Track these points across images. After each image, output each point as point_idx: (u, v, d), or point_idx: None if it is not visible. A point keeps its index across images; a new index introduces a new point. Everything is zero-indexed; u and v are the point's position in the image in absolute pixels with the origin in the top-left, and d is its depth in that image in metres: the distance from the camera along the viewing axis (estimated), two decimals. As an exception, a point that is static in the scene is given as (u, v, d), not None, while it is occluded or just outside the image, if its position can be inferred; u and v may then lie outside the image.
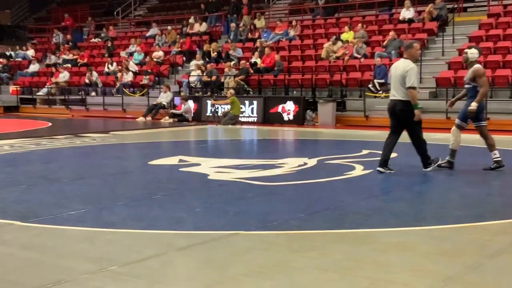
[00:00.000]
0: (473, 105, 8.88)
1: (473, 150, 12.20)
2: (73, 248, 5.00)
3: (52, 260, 4.67)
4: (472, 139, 13.76)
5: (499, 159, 9.04)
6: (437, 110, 17.35)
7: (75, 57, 28.71)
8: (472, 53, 8.99)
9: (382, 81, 18.69)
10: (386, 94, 18.56)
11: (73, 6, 36.04)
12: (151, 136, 16.11)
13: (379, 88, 18.76)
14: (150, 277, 4.24)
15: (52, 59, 29.59)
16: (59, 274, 4.29)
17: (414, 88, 8.57)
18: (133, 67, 25.15)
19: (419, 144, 8.86)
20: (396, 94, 8.72)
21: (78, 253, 4.83)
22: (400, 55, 19.89)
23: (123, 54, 27.15)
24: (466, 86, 9.16)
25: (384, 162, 8.79)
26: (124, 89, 23.94)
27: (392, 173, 8.66)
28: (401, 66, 8.73)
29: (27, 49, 31.92)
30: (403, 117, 8.73)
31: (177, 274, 4.39)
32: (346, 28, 22.05)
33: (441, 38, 20.47)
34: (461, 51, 19.03)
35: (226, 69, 21.96)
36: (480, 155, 11.50)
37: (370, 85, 18.90)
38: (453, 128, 9.35)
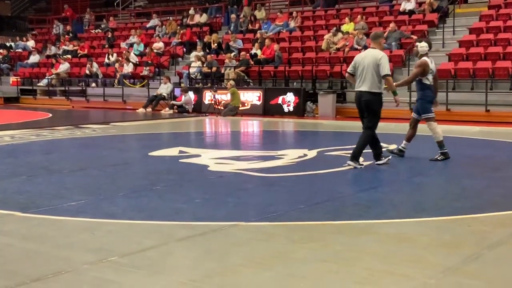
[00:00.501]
0: (395, 97, 8.76)
1: (474, 142, 12.22)
2: (73, 238, 5.01)
3: (52, 250, 4.69)
4: (472, 131, 13.80)
5: (404, 151, 9.44)
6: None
7: (75, 48, 28.68)
8: (422, 46, 9.26)
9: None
10: (385, 86, 18.54)
11: (73, -3, 35.99)
12: (151, 127, 16.11)
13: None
14: (150, 267, 4.25)
15: (52, 50, 29.55)
16: (59, 264, 4.31)
17: (390, 75, 8.50)
18: (133, 58, 25.12)
19: (366, 136, 8.55)
20: (362, 85, 8.47)
21: (78, 244, 4.85)
22: (400, 47, 19.93)
23: (123, 45, 27.12)
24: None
25: (377, 156, 8.69)
26: (124, 80, 23.93)
27: (387, 166, 8.59)
28: (371, 55, 8.47)
29: (27, 40, 31.87)
30: (367, 107, 8.51)
31: (177, 265, 4.41)
32: (347, 19, 22.01)
33: (442, 30, 20.43)
34: (461, 43, 19.07)
35: (226, 60, 21.94)
36: (480, 147, 11.53)
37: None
38: (427, 124, 9.39)
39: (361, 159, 8.61)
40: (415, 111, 9.52)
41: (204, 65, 22.22)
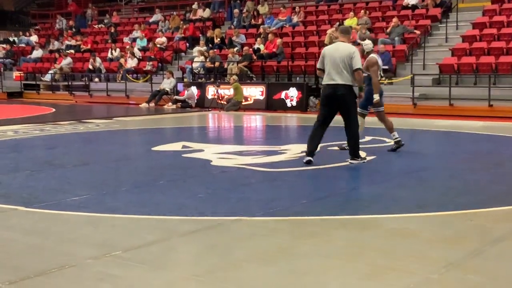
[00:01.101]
0: (375, 97, 9.38)
1: (477, 137, 12.20)
2: (77, 233, 5.03)
3: (56, 245, 4.70)
4: (475, 126, 13.78)
5: (399, 139, 9.54)
6: (440, 97, 17.33)
7: (78, 43, 28.68)
8: (366, 44, 9.69)
9: (386, 67, 18.67)
10: (390, 80, 18.54)
11: (76, -9, 35.97)
12: (154, 122, 16.12)
13: (382, 75, 18.71)
14: (153, 262, 4.27)
15: (56, 45, 29.56)
16: (63, 259, 4.32)
17: (362, 70, 8.44)
18: (137, 53, 25.13)
19: (354, 131, 8.39)
20: (336, 78, 8.19)
21: (81, 238, 4.86)
22: (403, 42, 19.88)
23: (126, 40, 27.12)
24: (364, 75, 9.58)
25: (311, 153, 8.39)
26: (127, 75, 23.95)
27: (388, 162, 8.57)
28: (343, 49, 8.26)
29: (30, 35, 31.89)
30: (343, 102, 8.27)
31: (180, 260, 4.42)
32: (351, 14, 21.96)
33: (445, 25, 20.39)
34: (464, 38, 19.02)
35: (229, 55, 21.93)
36: (483, 142, 11.52)
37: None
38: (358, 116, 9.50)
39: (363, 153, 8.60)
40: (372, 106, 9.66)
41: (207, 60, 22.22)
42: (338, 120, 8.52)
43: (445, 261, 4.24)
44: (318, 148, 8.52)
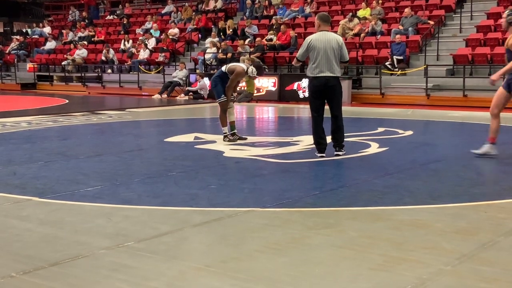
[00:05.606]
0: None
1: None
2: (90, 224, 5.05)
3: (69, 235, 4.73)
4: (489, 117, 13.66)
5: (226, 133, 9.99)
6: (454, 88, 17.23)
7: (91, 34, 28.76)
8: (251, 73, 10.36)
9: (401, 57, 18.59)
10: (403, 72, 18.45)
11: (89, -17, 36.00)
12: (167, 113, 16.15)
13: (396, 66, 18.66)
14: (166, 252, 4.28)
15: (70, 36, 29.66)
16: (76, 249, 4.35)
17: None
18: (151, 43, 25.15)
19: (342, 121, 8.39)
20: (327, 71, 8.13)
21: (95, 229, 4.89)
22: (417, 32, 19.76)
23: (138, 31, 27.16)
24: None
25: (324, 149, 8.33)
26: (139, 66, 24.01)
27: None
28: (333, 39, 8.18)
29: (43, 26, 32.00)
30: (333, 93, 8.26)
31: (193, 250, 4.43)
32: (364, 4, 21.85)
33: (459, 15, 20.24)
34: (479, 28, 18.87)
35: (239, 48, 21.88)
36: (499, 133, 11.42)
37: (387, 63, 18.78)
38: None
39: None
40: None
41: (219, 51, 22.20)
42: (357, 111, 8.47)
43: (459, 252, 4.23)
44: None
